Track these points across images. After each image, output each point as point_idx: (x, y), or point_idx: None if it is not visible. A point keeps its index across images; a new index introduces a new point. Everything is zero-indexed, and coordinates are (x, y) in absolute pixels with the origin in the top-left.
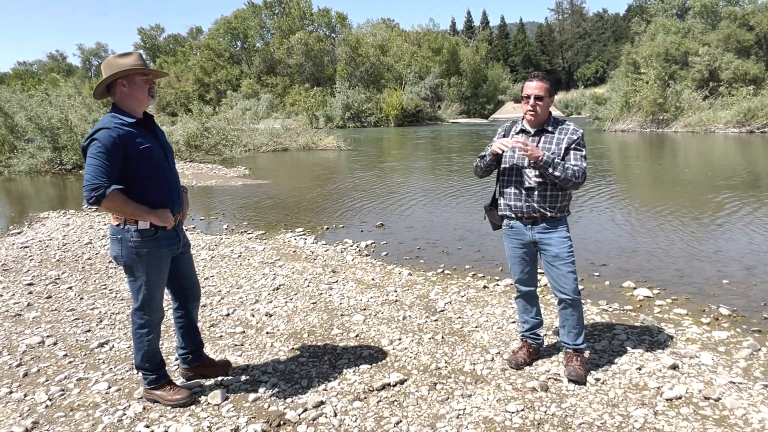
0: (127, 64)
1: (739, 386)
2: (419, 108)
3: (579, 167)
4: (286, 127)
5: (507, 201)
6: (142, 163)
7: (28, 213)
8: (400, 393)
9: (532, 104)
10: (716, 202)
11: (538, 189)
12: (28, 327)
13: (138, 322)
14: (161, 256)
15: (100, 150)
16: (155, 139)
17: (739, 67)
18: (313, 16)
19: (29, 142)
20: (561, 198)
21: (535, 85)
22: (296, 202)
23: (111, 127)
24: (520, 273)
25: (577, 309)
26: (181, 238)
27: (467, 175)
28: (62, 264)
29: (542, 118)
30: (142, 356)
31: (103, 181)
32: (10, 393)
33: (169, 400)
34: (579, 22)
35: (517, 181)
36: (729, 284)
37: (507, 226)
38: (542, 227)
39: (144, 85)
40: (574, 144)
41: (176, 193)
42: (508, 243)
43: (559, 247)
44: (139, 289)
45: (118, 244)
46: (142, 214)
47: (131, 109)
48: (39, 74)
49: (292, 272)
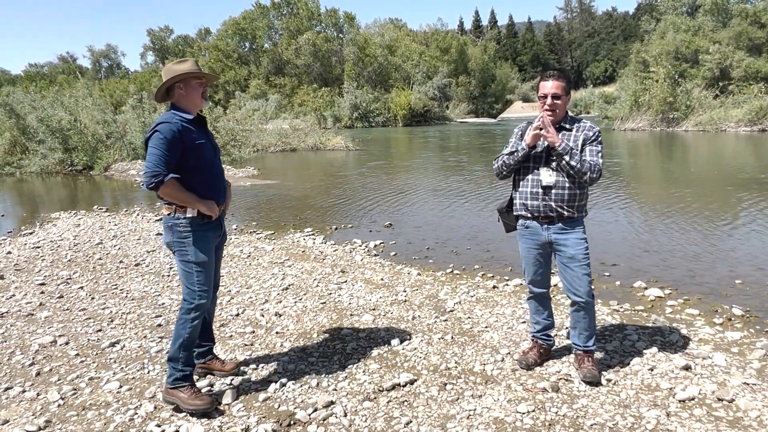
0: (184, 70)
1: (753, 387)
2: (427, 108)
3: (595, 162)
4: (295, 127)
5: (523, 200)
6: (195, 157)
7: (39, 214)
8: (410, 393)
9: (549, 104)
10: (728, 201)
11: (556, 187)
12: (40, 326)
13: (187, 307)
14: (208, 239)
15: (161, 141)
16: (207, 138)
17: (750, 65)
18: (321, 16)
19: (41, 144)
20: (579, 197)
21: (552, 84)
22: (305, 202)
23: (172, 122)
24: (533, 274)
25: (590, 312)
26: (223, 227)
27: (476, 174)
28: (73, 264)
29: (560, 117)
30: (180, 343)
31: (163, 169)
32: (23, 392)
33: (189, 404)
34: (588, 21)
35: (534, 179)
36: (742, 284)
37: (522, 226)
38: (559, 227)
39: (198, 87)
40: (590, 140)
41: (222, 186)
42: (523, 243)
43: (575, 248)
44: (190, 273)
45: (169, 232)
46: (193, 202)
47: (187, 109)
48: (50, 76)
49: (301, 272)
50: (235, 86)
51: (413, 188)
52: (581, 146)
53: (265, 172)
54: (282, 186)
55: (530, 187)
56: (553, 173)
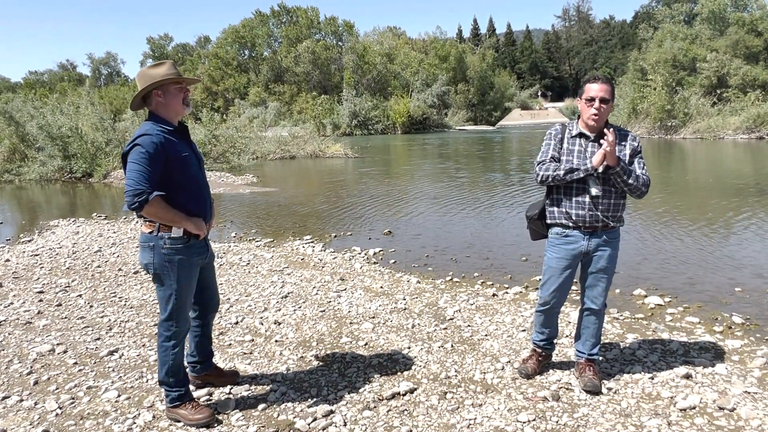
0: (161, 74)
1: (754, 396)
2: (426, 115)
3: (647, 177)
4: (294, 134)
5: (567, 209)
6: (180, 171)
7: (38, 221)
8: (410, 402)
9: (597, 107)
10: (726, 208)
11: (604, 197)
12: (38, 335)
13: (165, 334)
14: (192, 265)
15: (142, 156)
16: (191, 149)
17: (747, 73)
18: (320, 24)
19: (40, 151)
20: (622, 207)
21: (599, 87)
22: (304, 210)
23: (152, 134)
24: (557, 287)
25: (601, 319)
26: (209, 247)
27: (475, 181)
28: (72, 272)
29: (602, 123)
30: (166, 370)
31: (146, 186)
32: (20, 401)
33: (191, 419)
34: (586, 29)
35: (580, 188)
36: (741, 292)
37: (560, 235)
38: (602, 239)
39: (179, 93)
40: (637, 152)
41: (209, 201)
42: (554, 253)
43: (609, 261)
44: (168, 299)
45: (149, 252)
46: (180, 220)
47: (168, 118)
48: (49, 84)
49: (301, 280)
50: (234, 94)
51: (412, 195)
52: (629, 157)
53: (264, 180)
54: (281, 193)
55: (576, 196)
56: (600, 183)
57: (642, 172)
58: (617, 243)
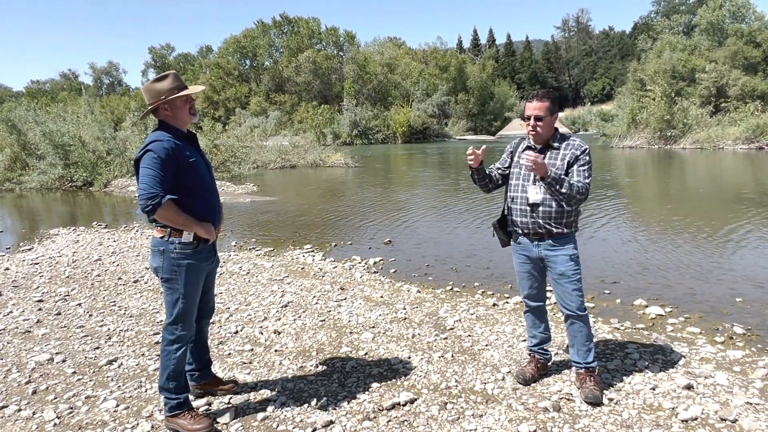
0: (165, 89)
1: (756, 407)
2: (426, 125)
3: (582, 183)
4: (294, 144)
5: (514, 217)
6: (190, 176)
7: (38, 230)
8: (411, 412)
9: (532, 125)
10: (727, 219)
11: (543, 205)
12: (37, 344)
13: (169, 338)
14: (200, 269)
15: (155, 160)
16: (200, 155)
17: (746, 84)
18: (321, 34)
19: (41, 159)
20: (567, 214)
21: (534, 105)
22: (304, 219)
23: (163, 140)
24: (528, 288)
25: (585, 324)
26: (216, 252)
27: (475, 191)
28: (72, 281)
29: (545, 136)
30: (167, 376)
31: (159, 190)
32: (18, 411)
33: (190, 429)
34: (585, 40)
35: (522, 197)
36: (742, 302)
37: (515, 242)
38: (548, 244)
39: (184, 105)
40: (578, 159)
41: (218, 206)
42: (516, 258)
43: (564, 265)
44: (175, 303)
45: (159, 256)
46: (191, 225)
47: (177, 127)
48: (51, 93)
49: (301, 289)
50: (235, 103)
51: (412, 205)
52: (570, 164)
53: (264, 189)
54: (281, 203)
55: (519, 203)
56: (540, 191)
57: (578, 179)
58: (571, 248)
